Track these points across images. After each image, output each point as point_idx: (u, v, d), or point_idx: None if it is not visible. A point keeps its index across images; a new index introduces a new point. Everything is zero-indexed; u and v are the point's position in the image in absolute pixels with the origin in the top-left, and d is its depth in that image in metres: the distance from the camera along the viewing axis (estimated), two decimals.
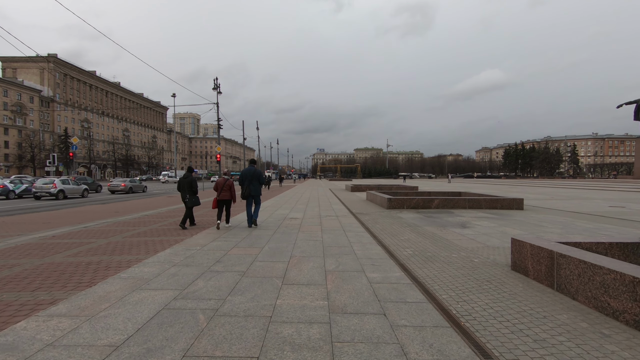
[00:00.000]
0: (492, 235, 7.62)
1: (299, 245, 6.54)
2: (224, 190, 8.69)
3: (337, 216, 11.36)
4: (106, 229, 8.63)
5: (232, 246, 6.45)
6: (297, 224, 9.47)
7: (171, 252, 5.91)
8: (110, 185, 27.74)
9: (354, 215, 11.50)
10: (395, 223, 9.65)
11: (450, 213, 11.95)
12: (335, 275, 4.58)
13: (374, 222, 9.79)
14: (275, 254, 5.85)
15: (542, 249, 4.21)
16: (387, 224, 9.43)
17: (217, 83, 36.60)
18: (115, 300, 3.60)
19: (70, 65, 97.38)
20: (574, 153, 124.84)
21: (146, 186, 31.36)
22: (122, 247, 6.29)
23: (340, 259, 5.49)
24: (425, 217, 10.79)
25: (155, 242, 6.83)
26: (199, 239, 7.19)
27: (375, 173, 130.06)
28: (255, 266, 5.02)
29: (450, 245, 6.56)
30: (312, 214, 11.88)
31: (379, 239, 7.30)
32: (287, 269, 4.90)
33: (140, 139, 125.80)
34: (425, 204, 13.39)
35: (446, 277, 4.54)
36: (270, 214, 11.81)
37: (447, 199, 13.51)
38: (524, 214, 11.69)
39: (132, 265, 5.03)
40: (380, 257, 5.68)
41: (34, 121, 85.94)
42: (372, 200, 16.69)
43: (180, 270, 4.77)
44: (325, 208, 14.10)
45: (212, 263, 5.18)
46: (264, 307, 3.46)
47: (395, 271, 4.83)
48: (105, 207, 15.73)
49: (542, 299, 3.75)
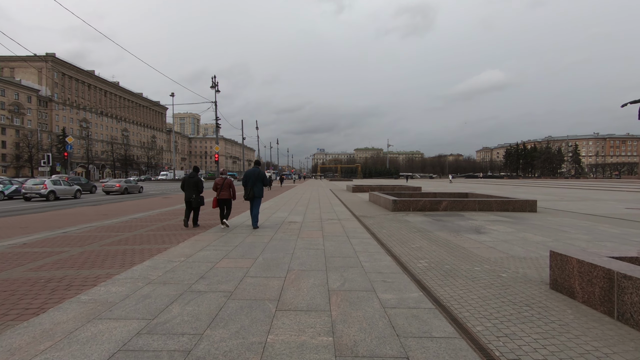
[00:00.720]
0: (513, 243, 6.83)
1: (298, 256, 5.76)
2: (224, 189, 8.74)
3: (340, 219, 10.58)
4: (86, 234, 7.85)
5: (222, 257, 5.67)
6: (297, 229, 8.69)
7: (150, 264, 5.12)
8: (105, 186, 26.92)
9: (357, 219, 10.71)
10: (403, 228, 8.87)
11: (461, 216, 11.16)
12: (340, 297, 3.81)
13: (379, 227, 9.01)
14: (270, 266, 5.07)
15: (595, 266, 3.43)
16: (395, 229, 8.64)
17: (215, 81, 35.85)
18: (61, 337, 2.81)
19: (68, 64, 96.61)
20: (576, 153, 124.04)
21: (142, 187, 30.56)
22: (96, 259, 5.50)
23: (346, 274, 4.71)
24: (434, 221, 10.00)
25: (136, 251, 6.05)
26: (186, 247, 6.42)
27: (376, 173, 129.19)
28: (245, 284, 4.24)
29: (469, 255, 5.78)
30: (312, 217, 11.10)
31: (388, 247, 6.52)
32: (283, 287, 4.12)
33: (140, 139, 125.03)
34: (432, 206, 12.61)
35: (474, 299, 3.76)
36: (267, 217, 11.02)
37: (456, 201, 12.73)
38: (539, 217, 10.91)
39: (100, 282, 4.25)
40: (391, 270, 4.90)
41: (32, 121, 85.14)
42: (376, 201, 15.91)
43: (154, 290, 3.99)
44: (327, 210, 13.32)
45: (195, 280, 4.39)
46: (251, 347, 2.68)
47: (411, 290, 4.05)
48: (95, 208, 14.95)
49: (603, 332, 2.97)
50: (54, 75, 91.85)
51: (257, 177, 8.77)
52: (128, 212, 13.24)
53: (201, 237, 7.43)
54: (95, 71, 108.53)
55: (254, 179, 8.73)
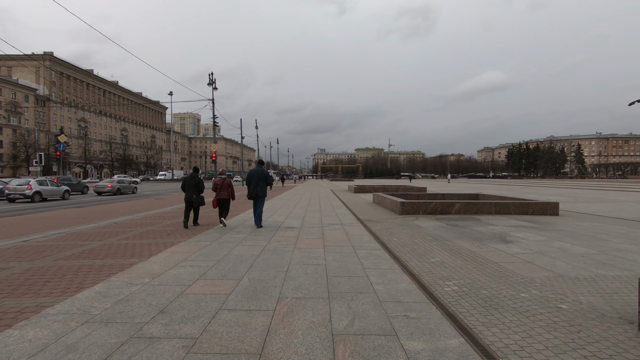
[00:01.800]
0: (552, 256, 5.69)
1: (293, 275, 4.63)
2: (223, 189, 8.80)
3: (342, 224, 9.44)
4: (48, 244, 6.72)
5: (197, 276, 4.53)
6: (294, 236, 7.55)
7: (101, 289, 3.99)
8: (96, 187, 25.78)
9: (362, 224, 9.57)
10: (416, 235, 7.73)
11: (477, 220, 10.01)
12: (349, 347, 2.67)
13: (388, 234, 7.87)
14: (256, 292, 3.94)
15: None
16: (406, 237, 7.50)
17: (212, 78, 34.78)
18: None
19: (66, 63, 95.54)
20: (579, 153, 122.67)
21: (136, 187, 29.40)
22: (38, 280, 4.37)
23: (355, 304, 3.57)
24: (450, 227, 8.86)
25: (93, 268, 4.91)
26: (158, 262, 5.27)
27: (377, 173, 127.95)
28: (217, 324, 3.10)
29: (506, 274, 4.64)
30: (312, 222, 9.96)
31: (402, 261, 5.38)
32: (270, 328, 2.99)
33: (139, 138, 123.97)
34: (444, 208, 11.46)
35: (542, 351, 2.62)
36: (263, 221, 9.91)
37: (469, 203, 11.58)
38: (566, 222, 9.75)
39: (20, 320, 3.12)
40: (413, 297, 3.76)
41: (29, 120, 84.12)
42: (381, 203, 14.78)
43: (88, 335, 2.85)
44: (328, 213, 12.19)
45: (152, 315, 3.26)
46: None
47: (447, 333, 2.91)
48: (77, 211, 13.83)
49: None
50: (52, 74, 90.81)
51: (261, 176, 8.74)
52: (112, 214, 12.12)
53: (180, 248, 6.29)
54: (94, 70, 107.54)
55: (257, 179, 8.70)
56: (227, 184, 8.86)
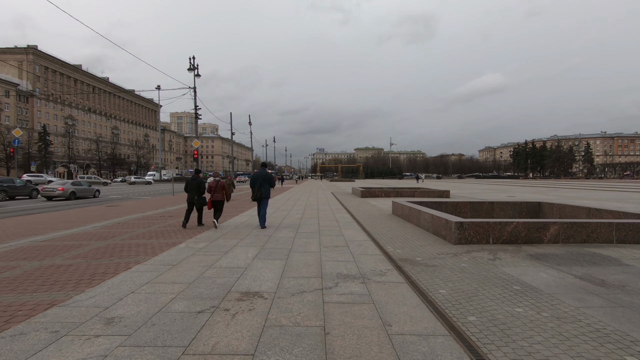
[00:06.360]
0: None
1: None
2: (217, 191, 8.98)
3: (364, 277, 4.74)
4: None
5: None
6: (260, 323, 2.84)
7: None
8: (44, 190, 20.90)
9: (404, 275, 4.86)
10: (530, 312, 3.02)
11: (614, 261, 5.31)
12: None
13: (469, 306, 3.15)
14: None
15: None
16: (508, 319, 2.80)
17: (193, 64, 30.11)
18: None
19: (52, 57, 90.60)
20: (588, 152, 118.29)
21: (98, 190, 24.48)
22: None
23: None
24: (577, 279, 4.12)
25: None
26: None
27: (378, 173, 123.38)
28: None
29: None
30: (301, 273, 5.26)
31: None
32: None
33: (131, 137, 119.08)
34: (530, 234, 6.73)
35: None
36: (204, 270, 5.21)
37: (573, 225, 6.81)
38: None
39: None
40: None
41: (10, 117, 79.16)
42: (406, 217, 10.09)
43: None
44: (330, 239, 7.47)
45: None
46: None
47: None
48: None
49: None
50: (36, 69, 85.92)
51: (265, 178, 8.87)
52: (33, 231, 7.38)
53: None
54: (82, 65, 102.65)
55: (261, 180, 8.83)
56: (222, 186, 9.08)
